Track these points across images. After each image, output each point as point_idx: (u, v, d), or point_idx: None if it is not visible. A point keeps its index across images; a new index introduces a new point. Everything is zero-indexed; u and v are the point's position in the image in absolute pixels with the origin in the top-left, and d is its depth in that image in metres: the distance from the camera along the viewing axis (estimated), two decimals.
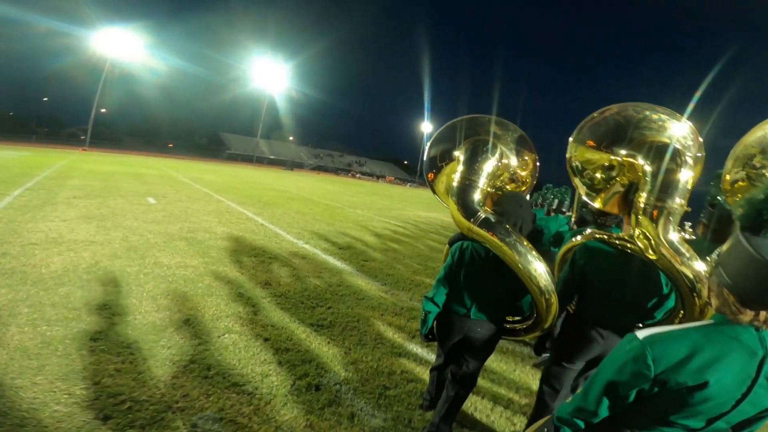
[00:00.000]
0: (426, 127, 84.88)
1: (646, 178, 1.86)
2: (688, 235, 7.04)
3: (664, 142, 1.85)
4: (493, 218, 2.01)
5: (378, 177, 74.59)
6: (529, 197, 2.72)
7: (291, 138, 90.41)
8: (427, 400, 2.55)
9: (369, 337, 3.43)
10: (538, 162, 2.44)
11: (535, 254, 1.97)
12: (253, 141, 69.99)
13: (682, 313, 1.87)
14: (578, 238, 2.21)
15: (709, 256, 1.03)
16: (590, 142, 2.04)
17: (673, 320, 1.94)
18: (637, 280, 1.94)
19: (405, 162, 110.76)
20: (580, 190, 2.23)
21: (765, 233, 0.87)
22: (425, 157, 2.45)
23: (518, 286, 2.02)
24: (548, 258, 3.38)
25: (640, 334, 0.96)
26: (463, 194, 2.12)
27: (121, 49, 50.44)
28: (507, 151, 2.28)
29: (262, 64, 68.16)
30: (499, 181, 2.29)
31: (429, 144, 2.42)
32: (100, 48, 48.21)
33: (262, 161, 65.23)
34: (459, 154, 2.24)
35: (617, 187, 2.04)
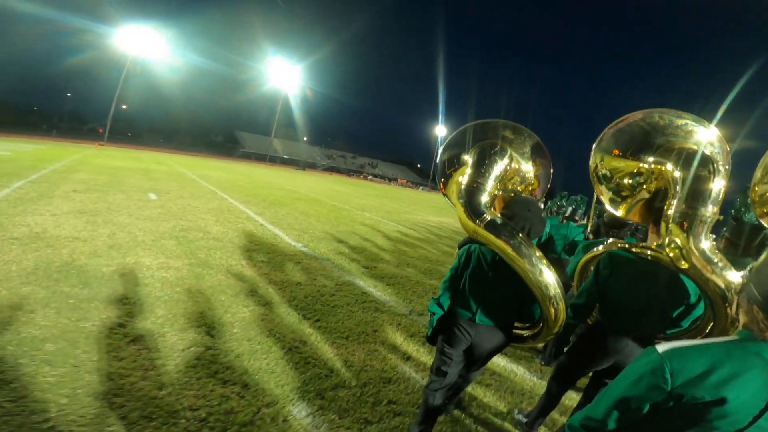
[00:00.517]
0: (440, 130, 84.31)
1: (676, 185, 1.81)
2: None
3: (694, 148, 1.81)
4: (499, 220, 1.98)
5: (390, 179, 74.22)
6: (543, 205, 2.61)
7: (305, 138, 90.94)
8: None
9: (358, 353, 3.05)
10: (552, 169, 2.40)
11: (543, 260, 1.91)
12: (267, 140, 70.47)
13: (713, 323, 1.82)
14: (600, 248, 2.18)
15: (742, 272, 1.00)
16: (616, 150, 2.01)
17: (701, 330, 1.90)
18: (663, 290, 1.90)
19: (418, 165, 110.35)
20: (605, 198, 2.19)
21: None
22: (437, 163, 2.46)
23: (526, 292, 1.96)
24: (559, 266, 3.19)
25: (660, 347, 0.94)
26: (470, 196, 2.10)
27: (143, 47, 51.30)
28: (518, 155, 2.25)
29: (278, 64, 68.64)
30: (510, 185, 2.27)
31: (441, 150, 2.44)
32: (122, 45, 49.09)
33: (275, 160, 65.57)
34: (468, 158, 2.24)
35: (643, 194, 2.01)
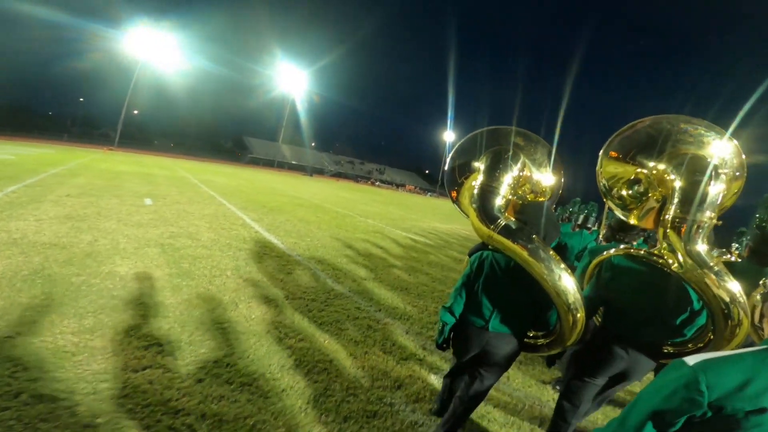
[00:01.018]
0: (449, 136, 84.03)
1: (675, 191, 1.84)
2: (734, 257, 6.50)
3: (696, 155, 1.83)
4: (514, 225, 1.94)
5: (398, 186, 73.95)
6: (555, 211, 2.52)
7: (312, 144, 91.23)
8: (437, 405, 2.55)
9: (348, 370, 2.69)
10: (563, 177, 2.37)
11: (561, 264, 1.85)
12: (275, 146, 70.80)
13: (712, 327, 1.80)
14: (611, 251, 2.16)
15: (762, 281, 1.06)
16: (620, 155, 2.03)
17: (703, 339, 1.89)
18: (666, 296, 1.89)
19: (426, 171, 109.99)
20: (611, 203, 2.20)
21: None
22: (447, 169, 2.40)
23: (542, 299, 1.90)
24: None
25: (690, 360, 0.92)
26: (483, 201, 2.05)
27: (153, 51, 52.08)
28: (530, 161, 2.23)
29: (286, 69, 69.22)
30: (520, 191, 2.24)
31: (450, 156, 2.39)
32: (132, 50, 49.89)
33: (282, 166, 65.72)
34: (479, 164, 2.22)
35: (651, 203, 2.01)
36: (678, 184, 1.83)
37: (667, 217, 1.83)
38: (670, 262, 1.80)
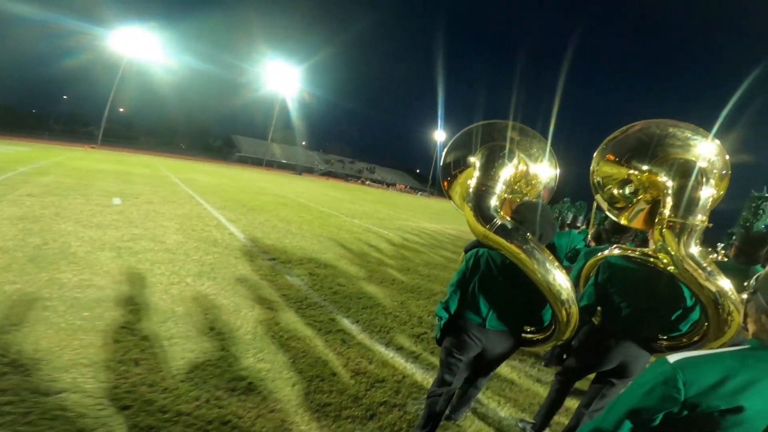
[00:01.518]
0: (439, 135, 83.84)
1: (668, 194, 1.90)
2: (720, 257, 6.47)
3: (686, 159, 1.91)
4: (510, 225, 1.96)
5: (388, 185, 73.58)
6: None
7: (303, 143, 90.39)
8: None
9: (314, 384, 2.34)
10: (559, 172, 2.35)
11: (555, 263, 1.89)
12: (264, 144, 69.83)
13: (707, 325, 1.87)
14: (605, 253, 2.21)
15: (746, 282, 1.00)
16: (612, 158, 2.07)
17: (698, 333, 1.96)
18: (660, 294, 1.95)
19: (417, 170, 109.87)
20: (603, 205, 2.26)
21: None
22: (441, 164, 2.39)
23: (537, 296, 1.95)
24: None
25: (671, 358, 0.94)
26: (479, 200, 2.06)
27: (139, 49, 51.00)
28: (525, 157, 2.21)
29: (275, 67, 68.26)
30: (516, 186, 2.23)
31: (445, 151, 2.37)
32: (118, 47, 48.75)
33: (272, 165, 64.87)
34: (475, 160, 2.21)
35: (641, 204, 2.10)
36: (671, 188, 1.90)
37: (662, 219, 1.89)
38: (665, 262, 1.86)
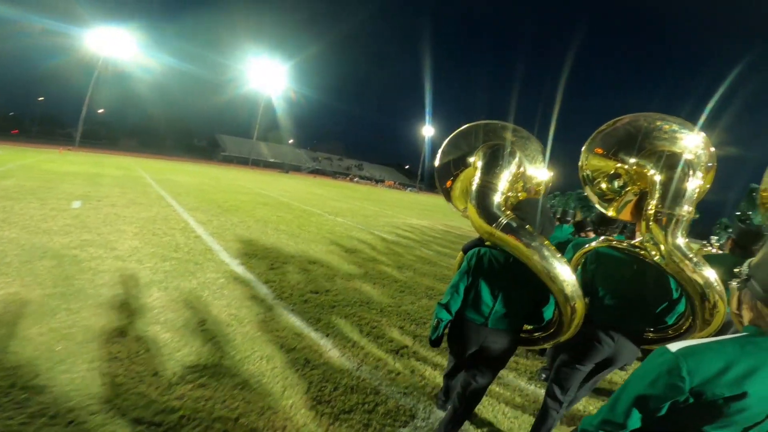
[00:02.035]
0: (428, 131, 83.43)
1: (656, 186, 1.92)
2: (714, 250, 6.26)
3: (673, 151, 1.94)
4: (515, 223, 1.95)
5: (377, 181, 73.07)
6: None
7: (291, 141, 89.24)
8: (442, 400, 2.55)
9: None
10: (551, 171, 2.38)
11: (562, 259, 1.89)
12: (249, 143, 68.62)
13: (692, 317, 1.90)
14: (593, 245, 2.23)
15: (739, 269, 1.03)
16: (600, 151, 2.11)
17: (683, 325, 1.99)
18: (647, 285, 1.97)
19: (406, 166, 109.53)
20: (592, 197, 2.28)
21: None
22: (438, 163, 2.39)
23: (540, 294, 1.98)
24: None
25: (673, 347, 0.94)
26: (484, 198, 2.06)
27: (117, 48, 49.64)
28: (523, 157, 2.24)
29: (260, 65, 67.07)
30: (515, 187, 2.25)
31: (441, 151, 2.38)
32: (96, 47, 47.31)
33: (258, 164, 63.83)
34: (475, 160, 2.23)
35: (629, 196, 2.12)
36: (658, 180, 1.91)
37: (649, 211, 1.90)
38: (653, 253, 1.88)
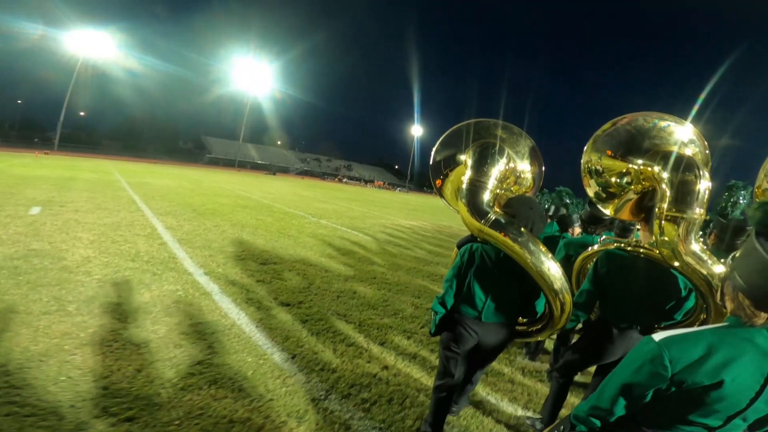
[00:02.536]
0: (417, 130, 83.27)
1: (665, 187, 1.88)
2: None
3: (680, 152, 1.92)
4: (504, 219, 1.99)
5: (366, 182, 72.66)
6: None
7: (279, 142, 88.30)
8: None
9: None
10: (543, 167, 2.40)
11: (549, 255, 1.94)
12: (235, 145, 67.58)
13: (704, 315, 1.92)
14: (596, 247, 2.29)
15: (724, 261, 1.03)
16: (609, 151, 2.08)
17: (694, 321, 2.02)
18: (655, 284, 1.99)
19: (396, 167, 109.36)
20: (591, 193, 2.25)
21: None
22: (431, 163, 2.42)
23: (531, 288, 2.02)
24: None
25: (656, 336, 0.97)
26: (473, 196, 2.10)
27: (98, 50, 48.50)
28: (513, 154, 2.27)
29: (246, 65, 66.15)
30: (505, 184, 2.28)
31: (435, 149, 2.40)
32: (75, 48, 46.10)
33: (244, 166, 62.90)
34: (466, 158, 2.26)
35: (629, 195, 2.11)
36: (668, 180, 1.87)
37: (660, 212, 1.87)
38: (666, 254, 1.83)
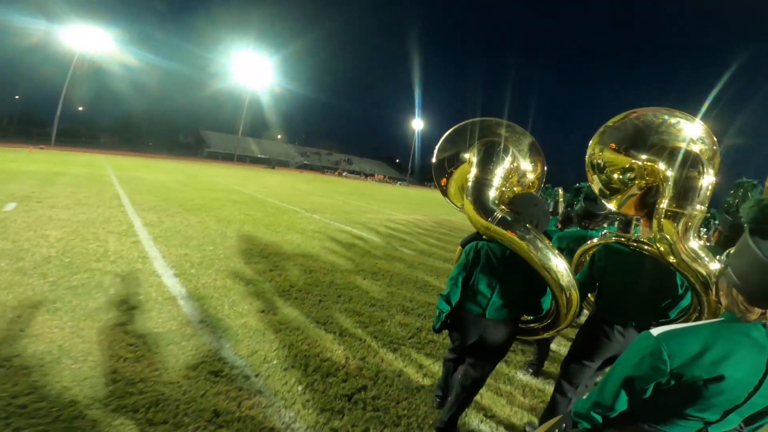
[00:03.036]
0: (418, 124, 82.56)
1: (668, 183, 1.87)
2: (702, 242, 5.93)
3: (685, 148, 1.90)
4: (510, 217, 2.00)
5: (367, 176, 72.23)
6: None
7: (279, 136, 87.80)
8: (439, 397, 2.54)
9: None
10: (546, 165, 2.41)
11: (555, 251, 1.94)
12: (234, 139, 67.12)
13: (697, 315, 1.93)
14: (595, 241, 2.27)
15: (719, 257, 1.08)
16: (613, 145, 2.08)
17: (688, 319, 1.99)
18: (653, 281, 1.97)
19: (396, 160, 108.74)
20: (595, 187, 2.23)
21: None
22: (435, 161, 2.43)
23: (536, 285, 2.02)
24: None
25: (655, 331, 0.98)
26: (479, 194, 2.11)
27: (96, 44, 48.03)
28: (517, 152, 2.28)
29: (246, 59, 65.46)
30: (509, 182, 2.29)
31: (438, 148, 2.42)
32: (74, 44, 45.63)
33: (244, 160, 62.51)
34: (471, 156, 2.27)
35: (634, 190, 2.10)
36: (671, 177, 1.86)
37: (660, 208, 1.85)
38: (662, 249, 1.82)
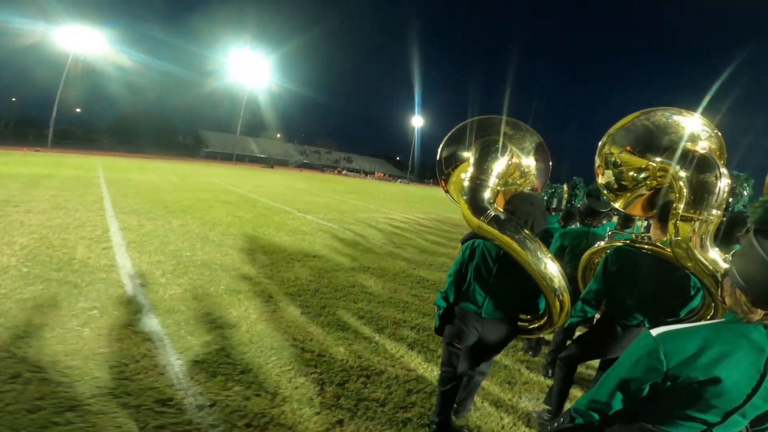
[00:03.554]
0: (417, 122, 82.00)
1: (682, 186, 1.84)
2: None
3: (700, 150, 1.88)
4: (503, 216, 2.02)
5: (366, 173, 71.77)
6: None
7: (278, 135, 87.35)
8: (435, 423, 2.28)
9: None
10: (551, 163, 2.39)
11: (547, 253, 1.95)
12: (233, 138, 66.71)
13: (713, 312, 1.99)
14: (603, 244, 2.36)
15: (724, 257, 1.05)
16: (628, 146, 2.06)
17: (699, 319, 2.00)
18: (665, 283, 1.97)
19: (397, 158, 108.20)
20: (603, 182, 2.24)
21: None
22: (437, 160, 2.44)
23: (531, 285, 2.02)
24: None
25: (654, 331, 0.99)
26: (473, 193, 2.13)
27: (92, 45, 47.65)
28: (518, 150, 2.28)
29: (244, 58, 64.97)
30: (510, 179, 2.30)
31: (441, 147, 2.43)
32: (70, 45, 45.22)
33: (242, 159, 62.10)
34: (469, 155, 2.28)
35: (643, 190, 2.13)
36: (685, 180, 1.83)
37: (677, 212, 1.82)
38: (679, 254, 1.79)
